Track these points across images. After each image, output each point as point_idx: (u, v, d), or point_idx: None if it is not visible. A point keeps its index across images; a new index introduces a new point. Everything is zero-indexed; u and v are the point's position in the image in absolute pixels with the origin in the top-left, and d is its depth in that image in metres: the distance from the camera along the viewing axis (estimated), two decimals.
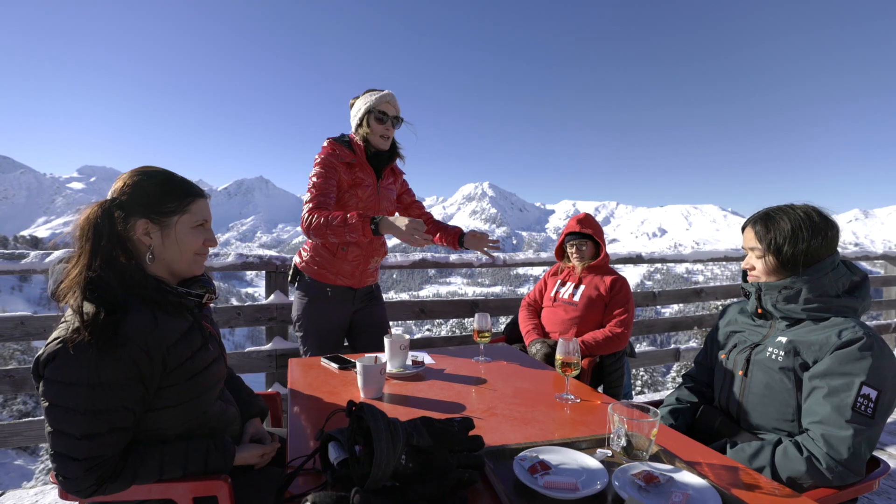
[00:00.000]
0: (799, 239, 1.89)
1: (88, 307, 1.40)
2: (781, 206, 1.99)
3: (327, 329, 3.20)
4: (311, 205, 2.93)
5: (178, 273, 1.72)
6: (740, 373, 2.03)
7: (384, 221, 2.75)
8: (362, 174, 3.12)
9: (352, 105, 3.21)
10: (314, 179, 3.00)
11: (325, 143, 3.12)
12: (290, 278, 3.36)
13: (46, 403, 1.37)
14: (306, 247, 3.27)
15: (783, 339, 1.91)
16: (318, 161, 3.05)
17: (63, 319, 1.45)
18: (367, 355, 2.21)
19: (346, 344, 3.41)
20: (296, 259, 3.32)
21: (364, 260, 3.21)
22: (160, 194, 1.63)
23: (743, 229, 2.09)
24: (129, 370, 1.41)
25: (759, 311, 2.05)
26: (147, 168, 1.65)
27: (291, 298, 3.99)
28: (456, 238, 3.41)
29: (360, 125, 3.13)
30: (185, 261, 1.71)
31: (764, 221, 1.99)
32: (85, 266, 1.46)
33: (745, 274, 2.14)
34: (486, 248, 3.31)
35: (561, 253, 3.78)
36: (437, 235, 3.48)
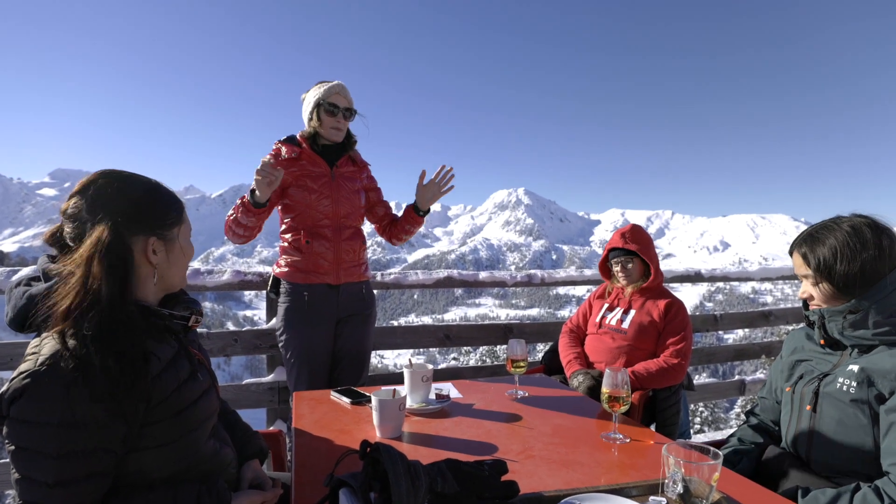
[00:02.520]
0: (849, 257, 1.86)
1: (71, 340, 1.38)
2: (826, 222, 1.97)
3: (310, 336, 3.32)
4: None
5: (173, 290, 1.74)
6: (808, 407, 1.99)
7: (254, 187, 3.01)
8: (310, 165, 3.33)
9: (303, 100, 3.43)
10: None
11: (273, 146, 3.39)
12: (268, 288, 3.61)
13: (12, 447, 1.34)
14: (281, 254, 3.49)
15: (854, 368, 1.87)
16: None
17: (30, 351, 1.43)
18: (383, 388, 2.21)
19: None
20: (273, 269, 3.52)
21: (335, 252, 3.34)
22: (161, 205, 1.64)
23: (791, 254, 2.06)
24: (109, 406, 1.39)
25: (823, 341, 2.02)
26: (118, 174, 1.62)
27: None
28: (411, 209, 3.59)
29: (310, 119, 3.36)
30: (184, 275, 1.76)
31: (809, 243, 1.97)
32: (82, 297, 1.42)
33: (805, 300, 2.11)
34: (444, 189, 3.50)
35: (607, 271, 3.76)
36: (397, 225, 3.66)
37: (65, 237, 1.57)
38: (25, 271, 1.79)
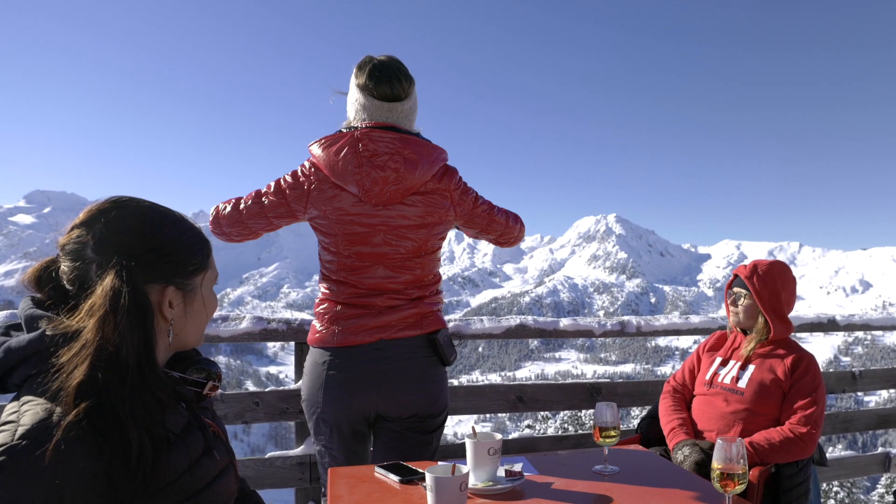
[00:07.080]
0: None
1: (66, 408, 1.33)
2: None
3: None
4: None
5: (186, 349, 1.72)
6: None
7: None
8: None
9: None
10: None
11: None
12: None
13: None
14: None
15: None
16: None
17: (7, 419, 1.37)
18: (440, 463, 2.19)
19: None
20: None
21: None
22: (184, 248, 1.63)
23: None
24: (103, 489, 1.34)
25: None
26: (135, 205, 1.59)
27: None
28: None
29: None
30: (202, 332, 1.75)
31: None
32: (103, 364, 1.37)
33: None
34: None
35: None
36: None
37: (61, 277, 1.53)
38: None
